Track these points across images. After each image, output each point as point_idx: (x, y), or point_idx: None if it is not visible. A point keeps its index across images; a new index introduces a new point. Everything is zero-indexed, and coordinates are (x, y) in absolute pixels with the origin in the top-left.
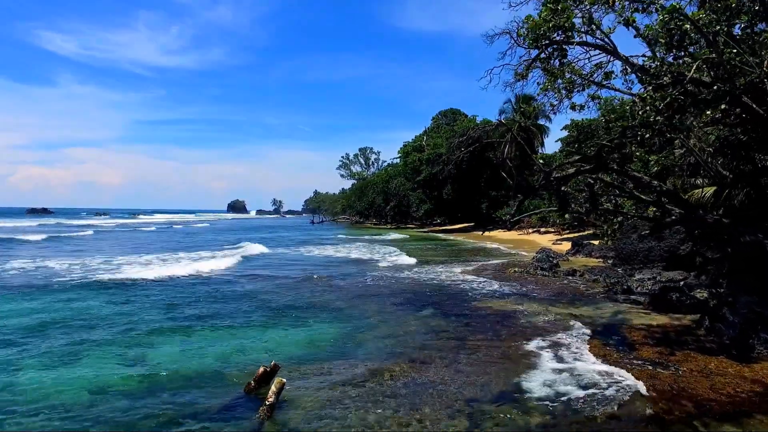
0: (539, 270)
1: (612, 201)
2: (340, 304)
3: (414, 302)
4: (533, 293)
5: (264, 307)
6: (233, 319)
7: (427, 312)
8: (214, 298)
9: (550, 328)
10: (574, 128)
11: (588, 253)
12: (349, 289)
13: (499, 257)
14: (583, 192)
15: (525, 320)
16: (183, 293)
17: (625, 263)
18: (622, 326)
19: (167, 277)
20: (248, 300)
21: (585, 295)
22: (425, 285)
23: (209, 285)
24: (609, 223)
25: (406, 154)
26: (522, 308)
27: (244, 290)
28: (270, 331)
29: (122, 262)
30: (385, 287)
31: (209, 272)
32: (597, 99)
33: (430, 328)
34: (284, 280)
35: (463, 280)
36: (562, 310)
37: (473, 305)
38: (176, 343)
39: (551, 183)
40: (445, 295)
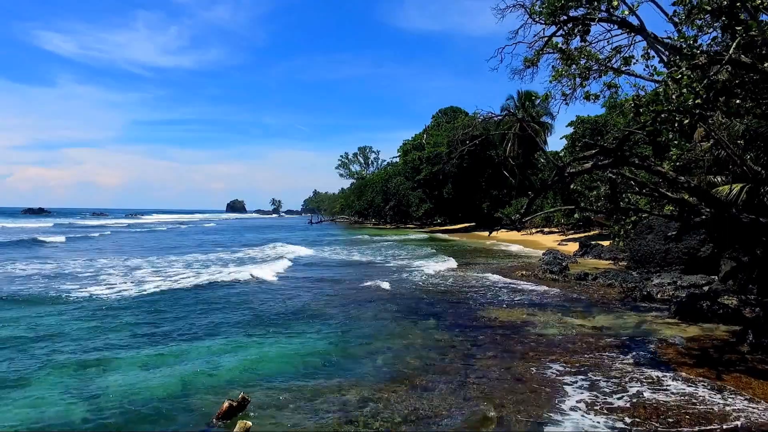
0: (548, 273)
1: (625, 199)
2: (332, 311)
3: (415, 310)
4: (544, 300)
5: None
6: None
7: (430, 322)
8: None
9: (568, 344)
10: (580, 124)
11: (597, 255)
12: (345, 295)
13: (503, 259)
14: (594, 190)
15: (538, 333)
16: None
17: (640, 266)
18: (651, 340)
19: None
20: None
21: (601, 302)
22: (427, 290)
23: (280, 290)
24: (621, 223)
25: (405, 153)
26: (534, 318)
27: (327, 298)
28: (263, 345)
29: (182, 263)
30: (384, 292)
31: (275, 276)
32: (614, 88)
33: (433, 341)
34: (327, 284)
35: (468, 285)
36: (578, 321)
37: (479, 314)
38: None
39: (565, 179)
40: (449, 303)
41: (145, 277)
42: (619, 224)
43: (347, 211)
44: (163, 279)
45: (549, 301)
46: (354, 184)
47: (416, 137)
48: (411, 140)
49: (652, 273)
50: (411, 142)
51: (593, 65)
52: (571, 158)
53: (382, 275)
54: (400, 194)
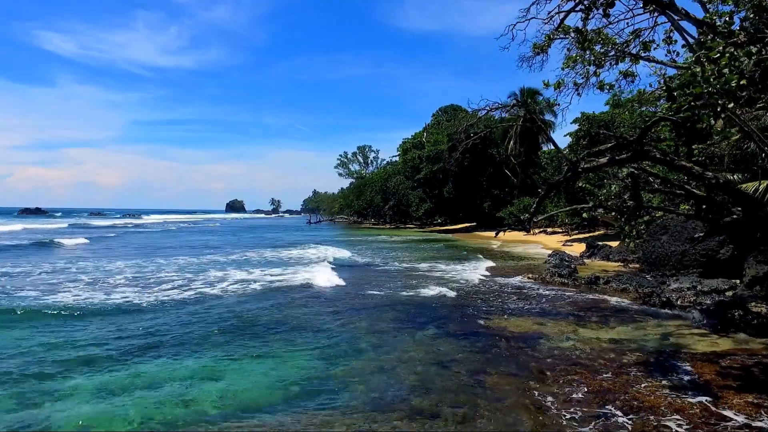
0: (557, 277)
1: (637, 197)
2: (324, 320)
3: (414, 318)
4: (555, 307)
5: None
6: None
7: (430, 332)
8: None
9: (588, 360)
10: (585, 121)
11: (605, 256)
12: (337, 302)
13: (506, 260)
14: (603, 188)
15: (553, 346)
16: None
17: (654, 269)
18: (682, 356)
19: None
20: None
21: (617, 309)
22: (427, 296)
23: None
24: (632, 222)
25: (405, 152)
26: (546, 328)
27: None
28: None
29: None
30: (380, 297)
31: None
32: (630, 76)
33: (435, 356)
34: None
35: (471, 289)
36: (595, 332)
37: (485, 323)
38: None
39: (579, 175)
40: (451, 309)
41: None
42: (629, 224)
43: (346, 211)
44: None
45: (560, 309)
46: (353, 183)
47: (416, 136)
48: (411, 139)
49: (668, 276)
50: (411, 140)
51: (610, 51)
52: (584, 152)
53: (380, 277)
54: (400, 194)
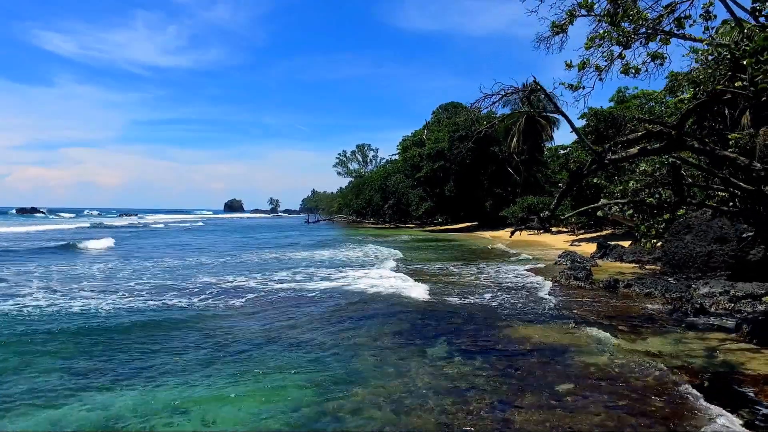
0: (572, 279)
1: (657, 194)
2: (316, 336)
3: (421, 330)
4: (576, 313)
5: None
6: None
7: (441, 348)
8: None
9: (632, 382)
10: (592, 117)
11: (618, 257)
12: (327, 313)
13: (515, 262)
14: (620, 183)
15: (585, 362)
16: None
17: (677, 270)
18: (740, 378)
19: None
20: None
21: (646, 317)
22: (434, 302)
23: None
24: (647, 221)
25: (405, 149)
26: (572, 339)
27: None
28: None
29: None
30: (381, 305)
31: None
32: (659, 59)
33: (448, 381)
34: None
35: (482, 294)
36: (629, 344)
37: (503, 334)
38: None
39: (605, 166)
40: (461, 317)
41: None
42: (646, 223)
43: (345, 210)
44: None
45: (583, 315)
46: (352, 182)
47: (416, 133)
48: (411, 136)
49: (693, 279)
50: (411, 138)
51: (640, 28)
52: (610, 143)
53: (381, 281)
54: (400, 192)
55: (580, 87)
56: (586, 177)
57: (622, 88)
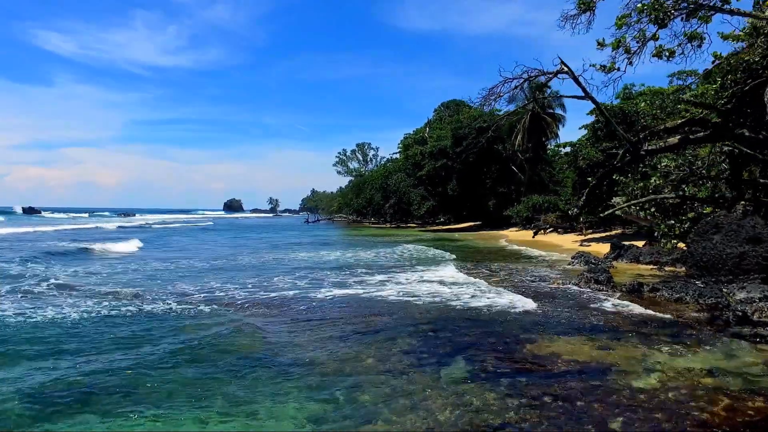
0: (593, 283)
1: (679, 191)
2: (313, 354)
3: (435, 345)
4: (606, 322)
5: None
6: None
7: (459, 368)
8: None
9: (698, 413)
10: (601, 112)
11: (634, 258)
12: (325, 321)
13: (526, 263)
14: (642, 179)
15: (634, 386)
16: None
17: (705, 273)
18: None
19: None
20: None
21: (683, 326)
22: (447, 308)
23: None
24: (670, 220)
25: (406, 147)
26: (610, 356)
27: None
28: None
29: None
30: (389, 313)
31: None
32: (696, 39)
33: (469, 413)
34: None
35: (497, 300)
36: (679, 361)
37: (528, 349)
38: None
39: (641, 158)
40: (480, 329)
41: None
42: (666, 222)
43: (345, 210)
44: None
45: (614, 325)
46: (352, 181)
47: (418, 131)
48: (412, 134)
49: (723, 283)
50: (413, 136)
51: (682, 2)
52: (646, 132)
53: (384, 286)
54: (401, 192)
55: (614, 68)
56: (619, 170)
57: (628, 85)
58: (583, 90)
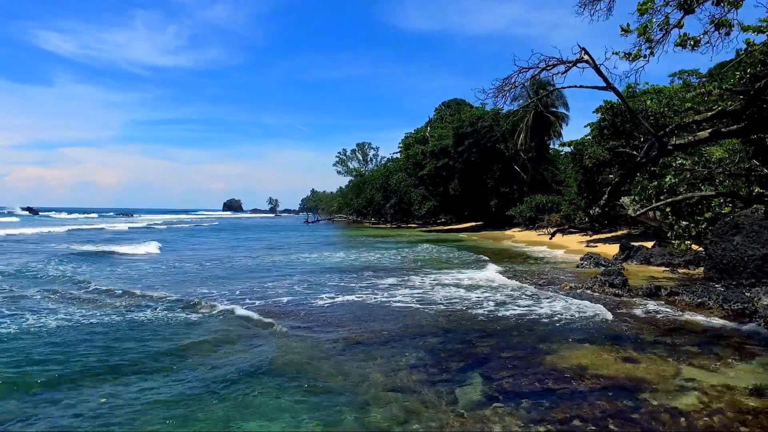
0: (607, 286)
1: (697, 189)
2: (306, 363)
3: (448, 358)
4: (628, 330)
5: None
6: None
7: (475, 386)
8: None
9: None
10: (608, 110)
11: (644, 260)
12: (330, 328)
13: (533, 264)
14: (655, 178)
15: (670, 407)
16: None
17: (725, 276)
18: None
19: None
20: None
21: (711, 334)
22: (458, 314)
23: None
24: (686, 221)
25: (407, 147)
26: (638, 369)
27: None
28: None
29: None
30: (395, 321)
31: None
32: (724, 27)
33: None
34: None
35: (509, 304)
36: (717, 376)
37: (548, 362)
38: None
39: (668, 152)
40: (493, 337)
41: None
42: (681, 223)
43: (345, 210)
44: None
45: (636, 333)
46: (352, 181)
47: (419, 130)
48: (413, 133)
49: (745, 286)
50: (413, 135)
51: None
52: (672, 125)
53: (385, 291)
54: (402, 191)
55: (639, 56)
56: (644, 166)
57: (632, 84)
58: (604, 80)
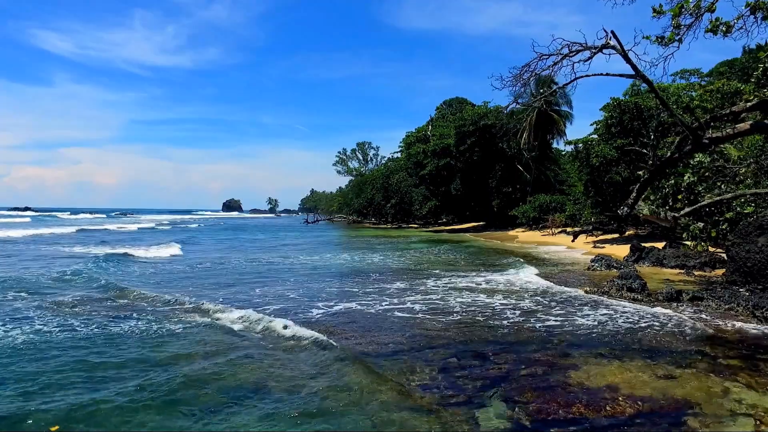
0: (625, 291)
1: (718, 189)
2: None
3: (465, 375)
4: (659, 341)
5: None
6: None
7: (498, 410)
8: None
9: None
10: (616, 108)
11: (657, 261)
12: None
13: (542, 266)
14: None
15: None
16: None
17: (749, 280)
18: None
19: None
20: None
21: (750, 344)
22: (474, 324)
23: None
24: (704, 221)
25: (408, 146)
26: (677, 388)
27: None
28: None
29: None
30: (402, 330)
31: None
32: (761, 11)
33: None
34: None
35: (527, 311)
36: (765, 397)
37: (576, 380)
38: None
39: (704, 146)
40: (511, 350)
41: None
42: (695, 224)
43: (345, 210)
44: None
45: (670, 344)
46: (352, 181)
47: (420, 129)
48: (415, 132)
49: None
50: (415, 134)
51: None
52: (707, 117)
53: (386, 294)
54: (402, 191)
55: (674, 39)
56: (678, 161)
57: (637, 82)
58: (633, 67)
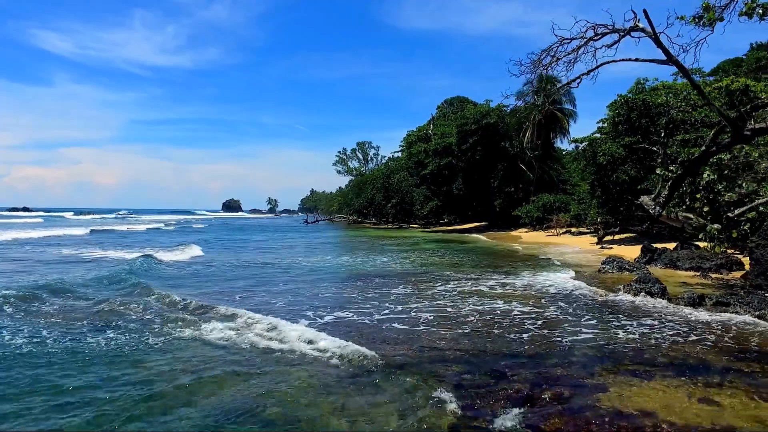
0: (643, 294)
1: (738, 188)
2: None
3: (480, 394)
4: (691, 356)
5: None
6: None
7: None
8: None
9: None
10: (623, 105)
11: (670, 263)
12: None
13: (547, 267)
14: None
15: None
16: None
17: None
18: None
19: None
20: None
21: None
22: (486, 334)
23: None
24: (725, 222)
25: (409, 145)
26: (722, 415)
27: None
28: None
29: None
30: (410, 342)
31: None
32: None
33: None
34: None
35: (540, 320)
36: None
37: (605, 404)
38: None
39: (745, 138)
40: (530, 365)
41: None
42: (715, 224)
43: (345, 210)
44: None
45: (704, 359)
46: (352, 181)
47: (421, 128)
48: (416, 131)
49: None
50: (416, 133)
51: None
52: (747, 107)
53: (387, 297)
54: (403, 191)
55: (714, 18)
56: (714, 155)
57: (641, 80)
58: (664, 52)
